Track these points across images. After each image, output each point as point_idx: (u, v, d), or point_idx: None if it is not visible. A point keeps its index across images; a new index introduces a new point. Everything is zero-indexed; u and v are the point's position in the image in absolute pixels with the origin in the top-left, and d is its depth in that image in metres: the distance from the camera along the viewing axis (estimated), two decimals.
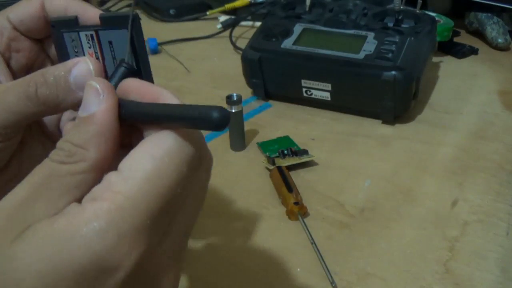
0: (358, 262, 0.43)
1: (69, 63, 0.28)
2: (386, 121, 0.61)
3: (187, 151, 0.24)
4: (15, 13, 0.33)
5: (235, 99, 0.56)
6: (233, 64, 0.75)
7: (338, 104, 0.63)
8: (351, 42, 0.61)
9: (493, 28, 0.77)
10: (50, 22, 0.33)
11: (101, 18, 0.31)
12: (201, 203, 0.27)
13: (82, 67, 0.28)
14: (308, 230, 0.45)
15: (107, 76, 0.29)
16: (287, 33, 0.64)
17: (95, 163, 0.24)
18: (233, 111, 0.56)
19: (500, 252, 0.43)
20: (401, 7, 0.63)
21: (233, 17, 0.92)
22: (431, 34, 0.63)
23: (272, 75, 0.64)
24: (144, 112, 0.24)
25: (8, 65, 0.34)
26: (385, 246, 0.44)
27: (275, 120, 0.64)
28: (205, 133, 0.69)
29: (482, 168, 0.53)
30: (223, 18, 0.93)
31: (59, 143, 0.25)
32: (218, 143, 0.60)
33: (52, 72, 0.29)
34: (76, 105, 0.28)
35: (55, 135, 0.37)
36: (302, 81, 0.62)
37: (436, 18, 0.70)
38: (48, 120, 0.36)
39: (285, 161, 0.54)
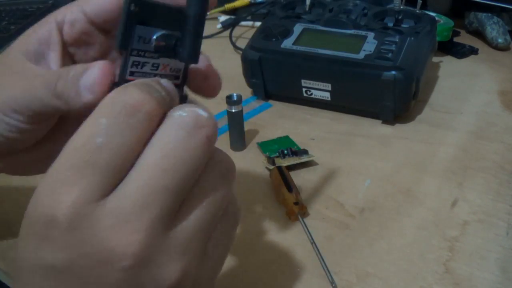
0: (358, 262, 0.43)
1: (88, 64, 0.27)
2: (386, 121, 0.61)
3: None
4: (92, 6, 0.31)
5: (235, 99, 0.56)
6: (233, 64, 0.75)
7: (338, 104, 0.63)
8: (351, 42, 0.60)
9: (493, 28, 0.77)
10: None
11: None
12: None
13: (93, 71, 0.27)
14: (308, 230, 0.45)
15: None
16: (287, 33, 0.64)
17: None
18: (233, 111, 0.56)
19: (500, 252, 0.43)
20: (401, 7, 0.63)
21: (233, 17, 0.92)
22: (431, 34, 0.63)
23: (272, 75, 0.64)
24: None
25: (73, 57, 0.33)
26: (385, 246, 0.44)
27: (275, 120, 0.64)
28: None
29: (482, 168, 0.53)
30: (223, 18, 0.93)
31: None
32: (218, 143, 0.59)
33: (74, 69, 0.28)
34: (81, 109, 0.27)
35: None
36: (302, 81, 0.62)
37: (436, 18, 0.70)
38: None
39: (285, 161, 0.54)
